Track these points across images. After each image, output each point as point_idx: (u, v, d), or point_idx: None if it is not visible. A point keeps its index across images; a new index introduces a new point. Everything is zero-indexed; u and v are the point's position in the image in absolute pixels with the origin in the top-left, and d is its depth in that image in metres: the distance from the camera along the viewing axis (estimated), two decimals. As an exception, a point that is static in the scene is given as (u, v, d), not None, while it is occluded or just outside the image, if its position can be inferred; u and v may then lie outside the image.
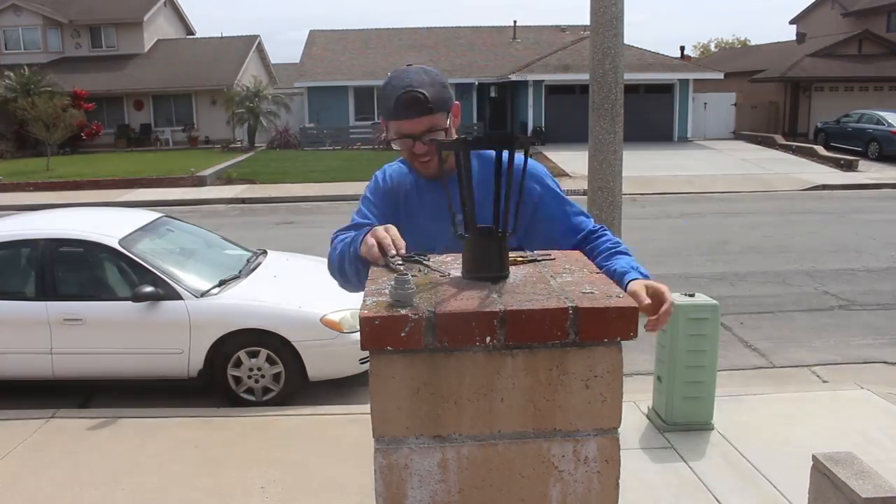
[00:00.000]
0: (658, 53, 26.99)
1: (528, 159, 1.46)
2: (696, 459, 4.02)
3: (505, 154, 1.31)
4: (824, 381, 5.61)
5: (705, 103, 27.49)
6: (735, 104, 28.35)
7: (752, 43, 48.69)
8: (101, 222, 5.94)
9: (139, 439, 4.57)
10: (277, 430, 4.68)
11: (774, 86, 28.96)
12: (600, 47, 4.54)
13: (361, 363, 5.20)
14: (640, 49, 26.21)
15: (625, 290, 1.37)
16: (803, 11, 36.63)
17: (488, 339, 1.15)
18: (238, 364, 5.20)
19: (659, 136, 25.42)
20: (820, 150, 22.39)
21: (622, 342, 1.18)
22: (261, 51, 34.79)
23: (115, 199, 16.08)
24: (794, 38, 33.65)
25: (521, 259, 1.45)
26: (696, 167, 19.87)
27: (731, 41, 59.07)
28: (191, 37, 36.69)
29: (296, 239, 11.13)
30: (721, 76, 26.83)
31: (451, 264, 1.43)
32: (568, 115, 23.86)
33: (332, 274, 1.83)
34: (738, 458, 4.03)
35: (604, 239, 1.82)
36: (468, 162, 1.30)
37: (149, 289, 5.10)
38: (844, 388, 5.14)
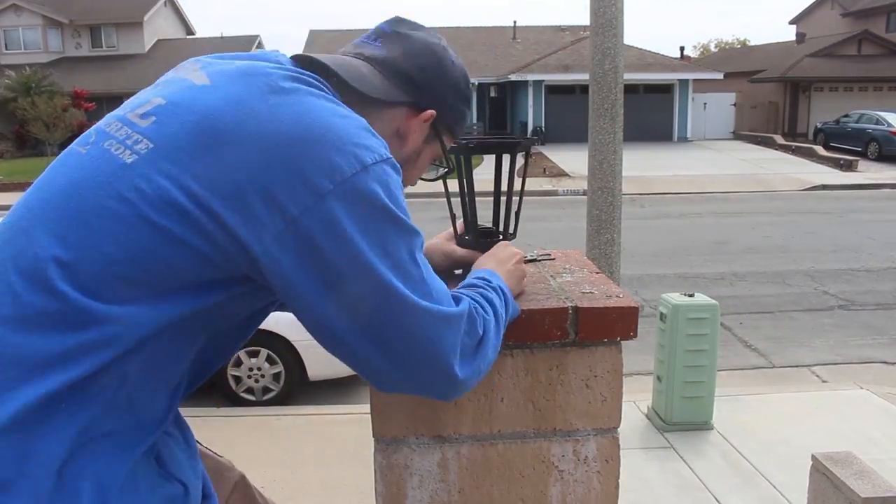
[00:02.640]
0: (658, 53, 27.00)
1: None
2: (695, 459, 4.03)
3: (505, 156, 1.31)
4: (824, 381, 5.61)
5: (705, 103, 27.51)
6: (735, 104, 28.38)
7: (752, 43, 48.73)
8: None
9: (139, 439, 4.56)
10: (277, 430, 4.68)
11: (774, 86, 28.97)
12: (600, 47, 4.54)
13: (361, 363, 5.20)
14: (640, 49, 26.22)
15: None
16: (803, 12, 36.67)
17: (488, 339, 1.15)
18: (238, 363, 5.20)
19: (659, 136, 25.44)
20: (819, 150, 22.43)
21: (622, 342, 1.19)
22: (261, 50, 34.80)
23: (115, 198, 16.10)
24: (793, 38, 33.68)
25: (520, 259, 1.46)
26: (695, 167, 19.88)
27: (730, 41, 59.13)
28: (191, 37, 36.71)
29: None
30: (721, 76, 26.84)
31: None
32: (568, 115, 23.87)
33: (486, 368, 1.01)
34: (737, 458, 4.03)
35: None
36: (470, 168, 1.30)
37: (148, 288, 5.09)
38: (844, 388, 5.14)
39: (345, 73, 1.01)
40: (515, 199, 1.33)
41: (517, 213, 1.36)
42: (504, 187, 1.31)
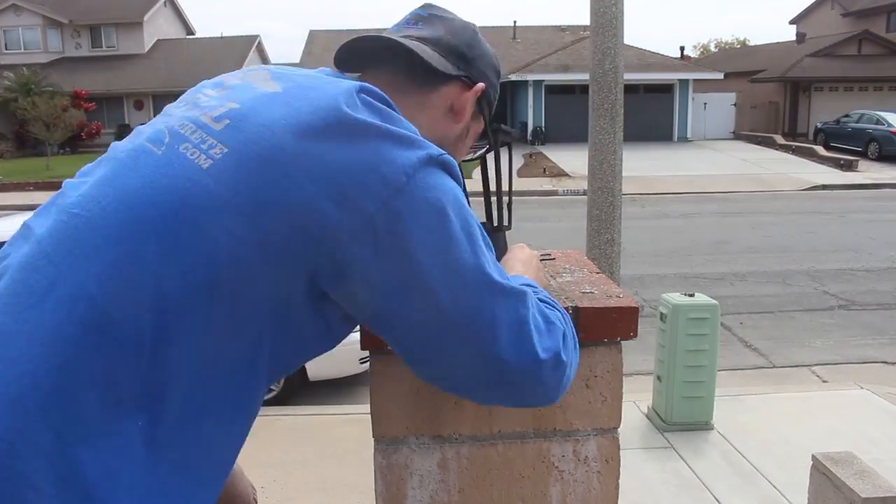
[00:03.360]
0: (658, 53, 26.99)
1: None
2: (695, 459, 4.03)
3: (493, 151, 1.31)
4: (824, 381, 5.61)
5: (705, 103, 27.50)
6: (735, 104, 28.37)
7: (752, 43, 48.73)
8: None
9: (139, 439, 4.56)
10: (277, 430, 4.68)
11: (774, 86, 28.97)
12: (600, 47, 4.54)
13: (361, 363, 5.20)
14: (640, 49, 26.21)
15: None
16: (803, 11, 36.66)
17: (488, 339, 1.15)
18: (238, 364, 5.20)
19: (659, 136, 25.43)
20: (820, 150, 22.42)
21: (622, 342, 1.18)
22: (261, 50, 34.80)
23: (115, 199, 16.06)
24: (793, 38, 33.66)
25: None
26: (696, 167, 19.88)
27: (730, 41, 59.09)
28: (191, 37, 36.70)
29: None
30: (721, 76, 26.83)
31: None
32: (568, 115, 23.85)
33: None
34: (737, 458, 4.03)
35: None
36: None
37: (149, 289, 5.10)
38: (844, 388, 5.14)
39: (417, 48, 1.04)
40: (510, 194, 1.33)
41: (509, 205, 1.34)
42: (493, 184, 1.30)
